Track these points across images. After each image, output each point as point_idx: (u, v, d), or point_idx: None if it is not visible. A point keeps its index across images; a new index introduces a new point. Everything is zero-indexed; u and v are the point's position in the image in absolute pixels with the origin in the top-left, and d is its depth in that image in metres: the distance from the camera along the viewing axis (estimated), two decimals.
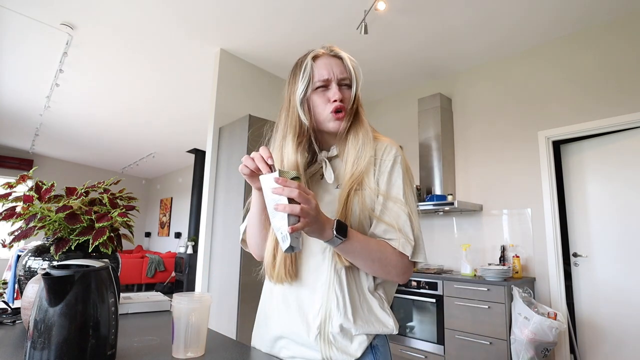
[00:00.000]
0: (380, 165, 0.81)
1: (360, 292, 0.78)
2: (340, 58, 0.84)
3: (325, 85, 0.82)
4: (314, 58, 0.84)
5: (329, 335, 0.75)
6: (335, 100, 0.80)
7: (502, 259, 3.07)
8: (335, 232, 0.68)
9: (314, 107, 0.82)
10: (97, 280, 0.63)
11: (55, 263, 0.72)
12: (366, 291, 0.79)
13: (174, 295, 0.72)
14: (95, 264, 0.66)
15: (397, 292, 3.23)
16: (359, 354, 0.74)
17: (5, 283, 1.25)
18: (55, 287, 0.59)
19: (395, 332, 0.78)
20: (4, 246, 1.03)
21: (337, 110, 0.80)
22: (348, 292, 0.76)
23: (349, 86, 0.83)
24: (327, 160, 0.85)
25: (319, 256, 0.79)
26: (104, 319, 0.62)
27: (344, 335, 0.75)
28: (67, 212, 0.90)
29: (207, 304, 0.74)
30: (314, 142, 0.86)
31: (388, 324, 0.77)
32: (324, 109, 0.81)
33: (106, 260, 0.73)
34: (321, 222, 0.67)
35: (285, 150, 0.83)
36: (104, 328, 0.62)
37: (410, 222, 0.77)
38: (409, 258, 0.76)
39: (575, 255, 3.00)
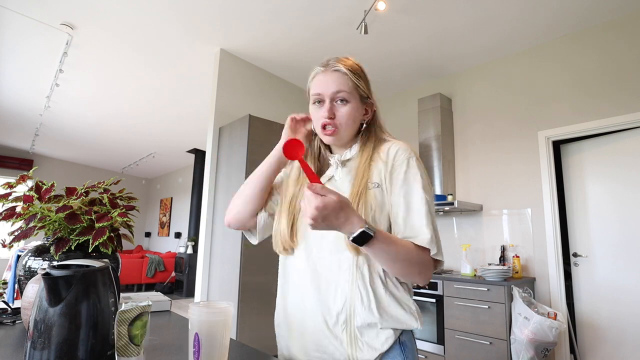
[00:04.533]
0: (393, 168, 0.82)
1: (385, 285, 0.78)
2: (339, 72, 0.84)
3: (320, 101, 0.85)
4: (316, 74, 0.87)
5: (355, 331, 0.75)
6: (324, 117, 0.84)
7: (502, 259, 3.07)
8: (364, 229, 0.67)
9: (313, 120, 0.89)
10: (97, 280, 0.63)
11: (55, 263, 0.72)
12: (390, 284, 0.78)
13: (203, 308, 0.61)
14: (95, 264, 0.66)
15: None
16: (385, 348, 0.75)
17: (5, 283, 1.25)
18: (55, 287, 0.59)
19: (420, 326, 0.78)
20: (4, 246, 1.03)
21: (324, 126, 0.84)
22: (371, 286, 0.76)
23: (346, 100, 0.84)
24: (339, 163, 0.89)
25: (334, 245, 0.80)
26: (104, 319, 0.62)
27: (370, 329, 0.75)
28: (67, 212, 0.90)
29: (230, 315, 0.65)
30: (322, 147, 0.94)
31: (413, 319, 0.78)
32: (317, 124, 0.86)
33: (106, 260, 0.73)
34: (343, 217, 0.66)
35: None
36: (104, 328, 0.62)
37: (432, 220, 0.77)
38: (431, 254, 0.75)
39: (575, 255, 3.00)
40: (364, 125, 0.90)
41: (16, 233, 0.92)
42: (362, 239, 0.67)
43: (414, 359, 0.78)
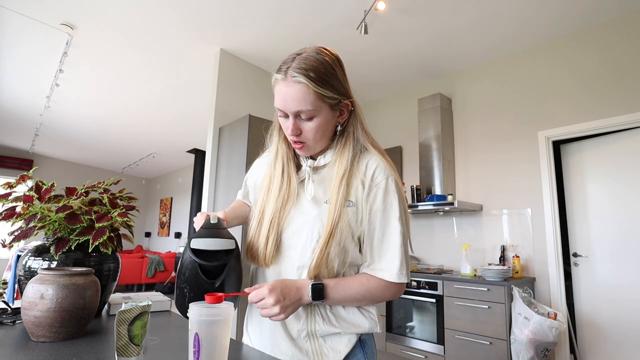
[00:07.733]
0: (371, 188, 0.78)
1: None
2: (300, 83, 0.72)
3: (284, 115, 0.77)
4: (276, 81, 0.76)
5: (320, 340, 0.78)
6: (289, 134, 0.79)
7: (502, 259, 3.07)
8: (312, 299, 0.73)
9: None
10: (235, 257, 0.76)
11: (193, 246, 0.73)
12: None
13: (203, 308, 0.59)
14: (228, 245, 0.75)
15: None
16: (348, 350, 0.78)
17: (5, 283, 1.25)
18: (210, 270, 0.73)
19: (379, 330, 0.83)
20: (4, 246, 1.03)
21: (293, 142, 0.80)
22: (331, 307, 0.80)
23: (312, 116, 0.75)
24: (309, 173, 0.84)
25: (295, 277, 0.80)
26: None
27: (334, 335, 0.79)
28: (67, 212, 0.90)
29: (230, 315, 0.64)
30: (295, 154, 0.88)
31: (373, 323, 0.81)
32: (287, 136, 0.81)
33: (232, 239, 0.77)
34: (294, 301, 0.72)
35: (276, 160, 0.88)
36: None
37: (403, 249, 0.77)
38: (399, 281, 0.77)
39: (575, 255, 3.00)
40: (339, 128, 0.83)
41: (16, 233, 0.92)
42: (318, 291, 0.73)
43: (373, 356, 0.82)
